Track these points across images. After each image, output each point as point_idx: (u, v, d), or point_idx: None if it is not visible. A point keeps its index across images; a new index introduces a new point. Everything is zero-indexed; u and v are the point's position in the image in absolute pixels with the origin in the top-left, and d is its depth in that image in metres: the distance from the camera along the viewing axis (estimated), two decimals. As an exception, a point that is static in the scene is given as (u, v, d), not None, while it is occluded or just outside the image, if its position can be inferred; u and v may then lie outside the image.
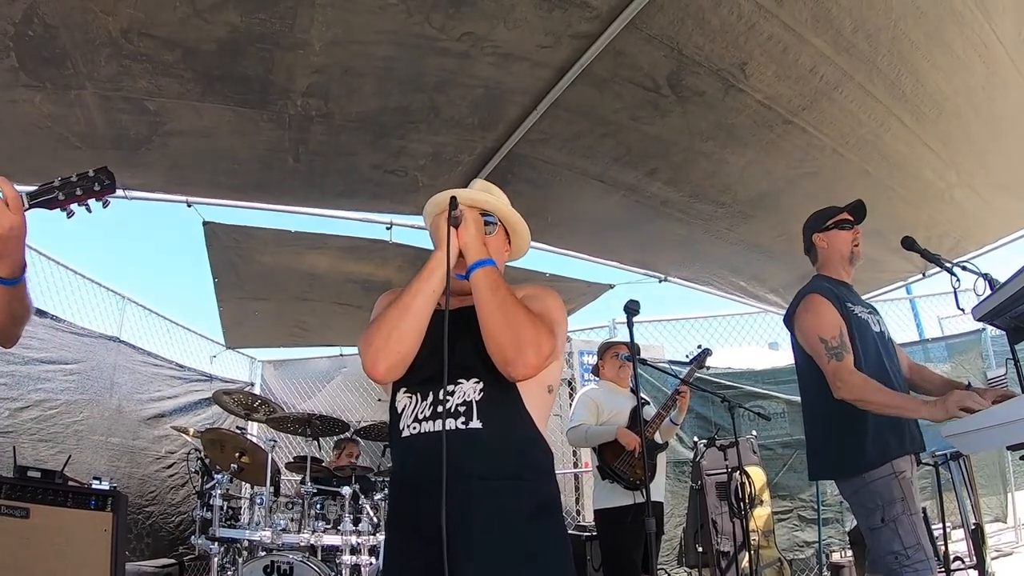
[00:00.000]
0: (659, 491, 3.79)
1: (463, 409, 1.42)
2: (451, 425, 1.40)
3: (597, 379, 4.04)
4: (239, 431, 4.47)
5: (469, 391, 1.44)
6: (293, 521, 3.64)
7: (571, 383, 6.29)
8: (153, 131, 3.35)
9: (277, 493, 4.11)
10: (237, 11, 2.58)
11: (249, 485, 4.63)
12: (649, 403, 3.99)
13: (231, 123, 3.33)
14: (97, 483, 3.38)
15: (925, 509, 2.90)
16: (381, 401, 6.30)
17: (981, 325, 5.15)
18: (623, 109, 3.28)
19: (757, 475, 4.65)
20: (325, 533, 3.59)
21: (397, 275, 5.01)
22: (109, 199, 1.48)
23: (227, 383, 6.75)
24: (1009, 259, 5.03)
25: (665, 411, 3.71)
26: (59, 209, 1.44)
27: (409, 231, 4.65)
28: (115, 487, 3.41)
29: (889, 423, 2.22)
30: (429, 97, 3.18)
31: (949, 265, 2.33)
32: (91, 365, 5.12)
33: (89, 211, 1.48)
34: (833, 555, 5.58)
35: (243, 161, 3.71)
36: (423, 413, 1.44)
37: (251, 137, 3.45)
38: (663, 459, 3.83)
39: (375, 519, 3.72)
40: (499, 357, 1.41)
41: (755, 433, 5.08)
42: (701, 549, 4.53)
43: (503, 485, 1.41)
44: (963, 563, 4.01)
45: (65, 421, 4.75)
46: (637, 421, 3.51)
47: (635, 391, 3.23)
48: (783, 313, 2.63)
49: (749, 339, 6.71)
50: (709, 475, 4.57)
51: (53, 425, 4.64)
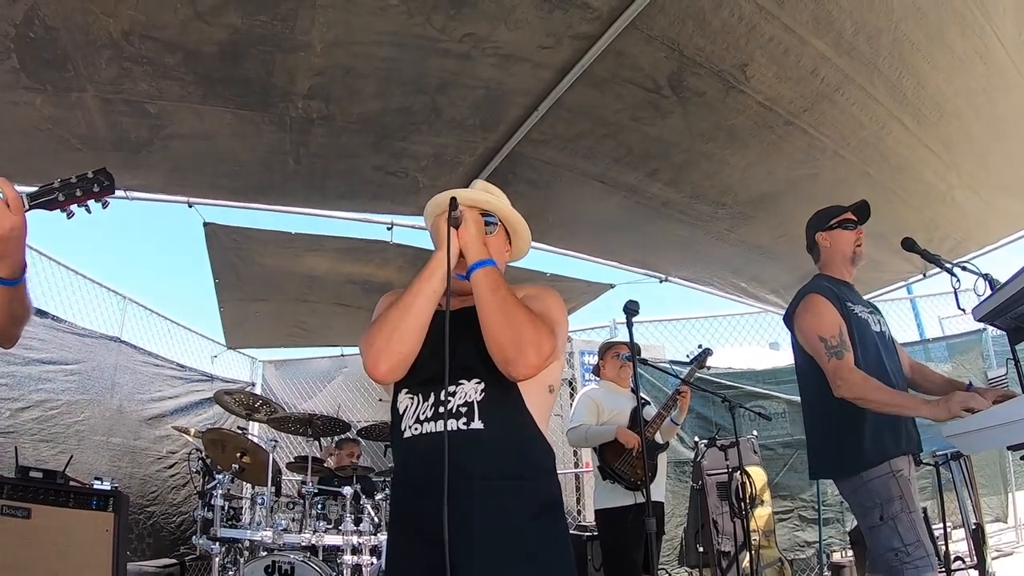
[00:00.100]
0: (660, 491, 3.79)
1: (464, 410, 1.42)
2: (453, 426, 1.41)
3: (598, 379, 4.04)
4: (240, 431, 4.46)
5: (470, 391, 1.44)
6: (294, 521, 3.65)
7: (572, 383, 6.29)
8: (154, 134, 3.35)
9: (278, 493, 4.11)
10: (238, 13, 2.57)
11: (250, 485, 4.63)
12: (650, 403, 3.99)
13: (232, 126, 3.33)
14: (98, 483, 3.37)
15: (926, 509, 2.91)
16: (382, 401, 6.31)
17: (982, 325, 5.14)
18: (624, 110, 3.28)
19: (758, 475, 4.66)
20: (326, 533, 3.60)
21: (398, 276, 5.01)
22: (108, 200, 1.49)
23: (228, 383, 6.75)
24: (1009, 259, 5.04)
25: (666, 411, 3.70)
26: (59, 210, 1.45)
27: (410, 231, 4.65)
28: (116, 487, 3.41)
29: (887, 423, 2.22)
30: (430, 98, 3.18)
31: (949, 265, 2.32)
32: (92, 365, 5.11)
33: (89, 212, 1.49)
34: (834, 555, 5.58)
35: (244, 164, 3.72)
36: (425, 414, 1.44)
37: (252, 140, 3.45)
38: (664, 459, 3.83)
39: (376, 519, 3.72)
40: (500, 357, 1.41)
41: (756, 433, 5.09)
42: (702, 549, 4.53)
43: (504, 485, 1.41)
44: (964, 563, 4.01)
45: (66, 421, 4.75)
46: (638, 421, 3.51)
47: (636, 391, 3.23)
48: (783, 313, 2.63)
49: (750, 339, 6.71)
50: (710, 475, 4.57)
51: (54, 425, 4.64)
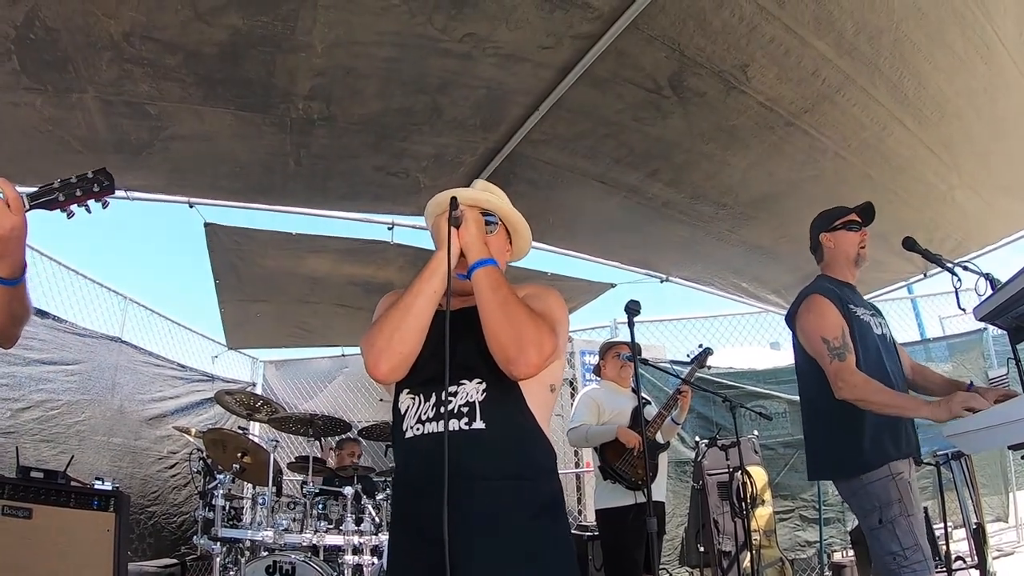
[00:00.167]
0: (661, 491, 3.79)
1: (466, 410, 1.42)
2: (454, 426, 1.40)
3: (598, 379, 4.04)
4: (241, 431, 4.46)
5: (472, 391, 1.44)
6: (295, 521, 3.64)
7: (572, 383, 6.28)
8: (154, 135, 3.34)
9: (279, 493, 4.11)
10: (239, 14, 2.57)
11: (251, 485, 4.62)
12: (651, 403, 3.99)
13: (232, 127, 3.33)
14: (99, 483, 3.38)
15: (927, 509, 2.91)
16: (383, 401, 6.31)
17: (982, 325, 5.16)
18: (625, 110, 3.28)
19: (759, 475, 4.66)
20: (327, 533, 3.60)
21: (399, 276, 5.00)
22: (108, 200, 1.50)
23: (229, 383, 6.75)
24: (1010, 259, 5.03)
25: (666, 411, 3.70)
26: (59, 210, 1.46)
27: (411, 231, 4.65)
28: (117, 487, 3.41)
29: (887, 425, 2.22)
30: (431, 98, 3.18)
31: (950, 265, 2.32)
32: (93, 365, 5.11)
33: (89, 212, 1.50)
34: (835, 555, 5.58)
35: (245, 165, 3.72)
36: (426, 414, 1.44)
37: (253, 141, 3.45)
38: (665, 459, 3.83)
39: (377, 519, 3.72)
40: (501, 356, 1.41)
41: (756, 433, 5.09)
42: (703, 549, 4.53)
43: (505, 485, 1.41)
44: (965, 563, 4.01)
45: (67, 422, 4.75)
46: (639, 421, 3.51)
47: (636, 391, 3.23)
48: (784, 313, 2.63)
49: (750, 339, 6.71)
50: (711, 475, 4.57)
51: (55, 426, 4.64)
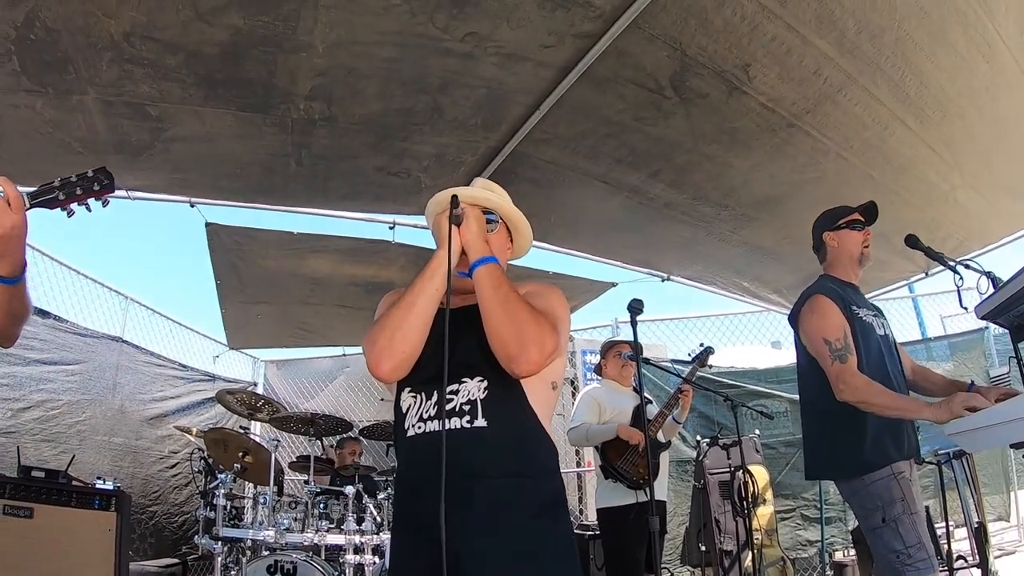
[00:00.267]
0: (662, 490, 3.80)
1: (468, 408, 1.42)
2: (456, 424, 1.41)
3: (600, 378, 4.04)
4: (242, 431, 4.46)
5: (473, 390, 1.44)
6: (296, 520, 3.64)
7: (574, 383, 6.28)
8: (155, 136, 3.34)
9: (280, 492, 4.11)
10: (240, 14, 2.56)
11: (252, 485, 4.63)
12: (652, 402, 4.00)
13: (233, 128, 3.32)
14: (101, 483, 3.38)
15: (928, 508, 2.91)
16: (384, 401, 6.31)
17: (984, 323, 5.16)
18: (626, 110, 3.27)
19: (760, 474, 4.66)
20: (329, 532, 3.60)
21: (400, 276, 5.00)
22: (109, 198, 1.51)
23: (230, 383, 6.75)
24: (1011, 258, 5.03)
25: (668, 410, 3.70)
26: (59, 208, 1.46)
27: (412, 231, 4.65)
28: (119, 487, 3.41)
29: (888, 426, 2.22)
30: (432, 98, 3.18)
31: (952, 263, 2.31)
32: (94, 365, 5.11)
33: (89, 210, 1.51)
34: (836, 554, 5.58)
35: (245, 166, 3.71)
36: (428, 412, 1.44)
37: (254, 141, 3.45)
38: (666, 458, 3.83)
39: (378, 518, 3.72)
40: (502, 354, 1.40)
41: (758, 432, 5.09)
42: (704, 548, 4.54)
43: (506, 483, 1.40)
44: (966, 562, 4.01)
45: (68, 421, 4.75)
46: (640, 420, 3.51)
47: (638, 390, 3.23)
48: (786, 312, 2.62)
49: (752, 338, 6.71)
50: (712, 474, 4.57)
51: (56, 426, 4.64)
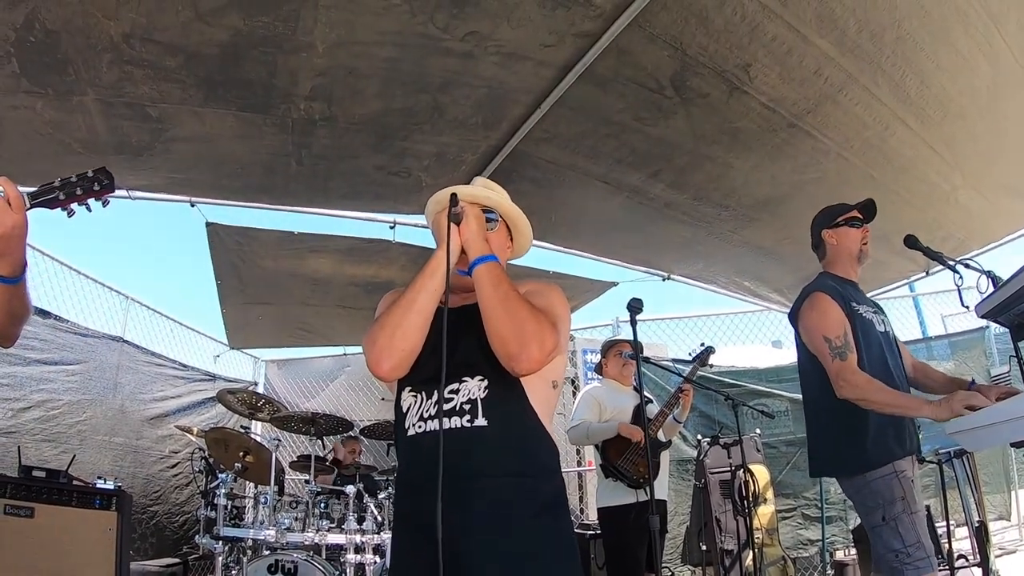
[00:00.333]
0: (663, 489, 3.80)
1: (468, 407, 1.42)
2: (456, 423, 1.40)
3: (600, 377, 4.04)
4: (243, 430, 4.47)
5: (474, 389, 1.44)
6: (297, 520, 3.65)
7: (574, 382, 6.28)
8: (155, 137, 3.34)
9: (281, 492, 4.12)
10: (240, 14, 2.56)
11: (253, 484, 4.63)
12: (652, 401, 4.00)
13: (234, 128, 3.32)
14: (101, 483, 3.38)
15: (929, 507, 2.91)
16: (385, 400, 6.31)
17: (984, 322, 5.15)
18: (626, 110, 3.27)
19: (761, 473, 4.65)
20: (329, 532, 3.61)
21: (401, 275, 5.00)
22: (109, 198, 1.51)
23: (231, 382, 6.75)
24: (1012, 258, 5.03)
25: (668, 409, 3.70)
26: (60, 208, 1.47)
27: (413, 230, 4.64)
28: (120, 486, 3.41)
29: (890, 424, 2.22)
30: (432, 97, 3.17)
31: (952, 263, 2.31)
32: (94, 365, 5.12)
33: (89, 210, 1.51)
34: (837, 553, 5.57)
35: (246, 166, 3.71)
36: (428, 412, 1.44)
37: (254, 142, 3.44)
38: (667, 457, 3.83)
39: (379, 518, 3.73)
40: (502, 352, 1.40)
41: (759, 431, 5.09)
42: (705, 547, 4.54)
43: (506, 482, 1.40)
44: (967, 561, 4.00)
45: (68, 421, 4.76)
46: (641, 419, 3.51)
47: (638, 389, 3.22)
48: (787, 312, 2.63)
49: (753, 337, 6.70)
50: (713, 473, 4.57)
51: (56, 425, 4.64)
